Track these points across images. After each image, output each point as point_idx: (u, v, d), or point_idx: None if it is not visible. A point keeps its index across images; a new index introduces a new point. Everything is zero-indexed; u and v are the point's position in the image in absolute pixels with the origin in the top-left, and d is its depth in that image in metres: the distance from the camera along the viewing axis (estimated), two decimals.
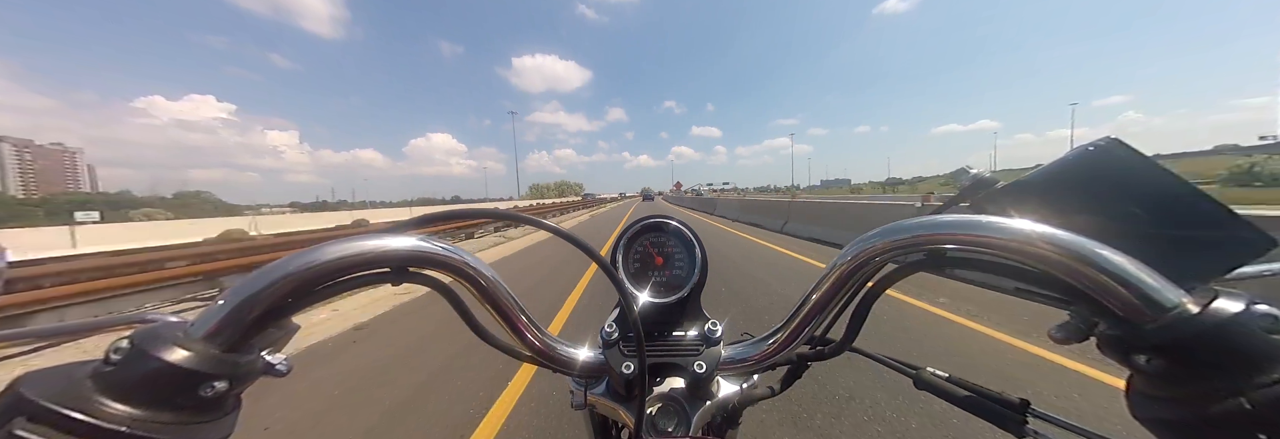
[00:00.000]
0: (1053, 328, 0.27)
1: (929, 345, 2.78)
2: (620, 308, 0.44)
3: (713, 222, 14.47)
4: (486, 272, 0.35)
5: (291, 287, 0.27)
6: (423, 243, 0.31)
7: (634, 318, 0.37)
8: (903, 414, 1.90)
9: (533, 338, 0.39)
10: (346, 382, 2.51)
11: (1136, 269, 0.23)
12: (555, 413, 2.05)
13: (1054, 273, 0.25)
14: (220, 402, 0.25)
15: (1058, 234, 0.25)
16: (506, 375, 2.43)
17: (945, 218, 0.29)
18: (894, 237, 0.30)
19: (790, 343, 0.40)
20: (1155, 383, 0.23)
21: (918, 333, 3.00)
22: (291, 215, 24.95)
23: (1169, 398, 0.22)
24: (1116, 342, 0.24)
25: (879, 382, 2.18)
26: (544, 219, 0.38)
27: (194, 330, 0.25)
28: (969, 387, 0.38)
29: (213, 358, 0.24)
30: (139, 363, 0.23)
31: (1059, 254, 0.25)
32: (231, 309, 0.25)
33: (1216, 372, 0.21)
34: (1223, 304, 0.22)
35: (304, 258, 0.27)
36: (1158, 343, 0.22)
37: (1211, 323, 0.21)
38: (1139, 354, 0.23)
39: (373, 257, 0.29)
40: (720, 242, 8.67)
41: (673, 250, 0.50)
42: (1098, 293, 0.24)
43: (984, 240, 0.27)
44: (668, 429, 0.41)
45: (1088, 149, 0.31)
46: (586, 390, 0.44)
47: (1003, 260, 0.27)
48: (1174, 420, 0.22)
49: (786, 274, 5.23)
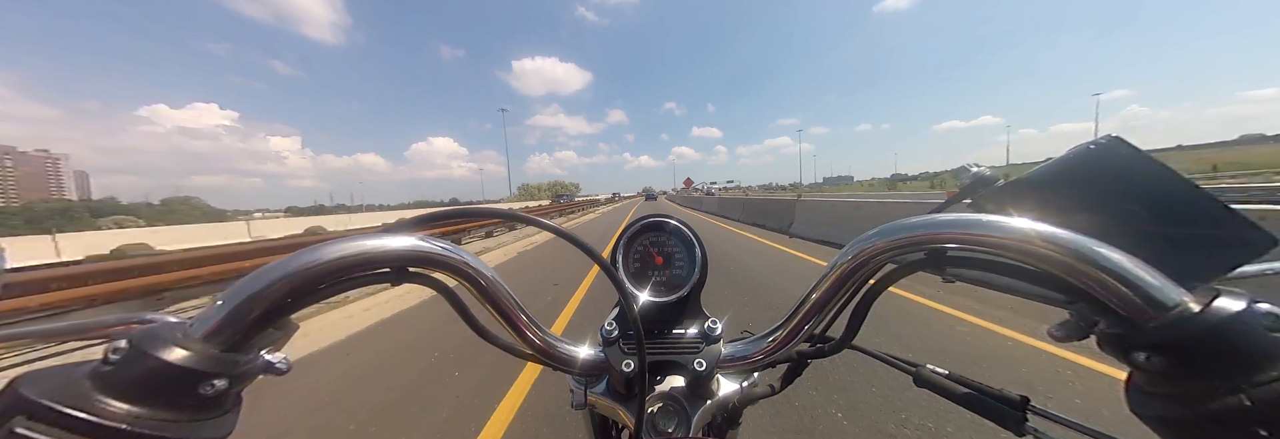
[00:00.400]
0: (1053, 326, 0.27)
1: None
2: (620, 307, 0.44)
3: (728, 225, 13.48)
4: (486, 271, 0.35)
5: (291, 287, 0.27)
6: (422, 243, 0.31)
7: (634, 316, 0.37)
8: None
9: (533, 337, 0.39)
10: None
11: (1137, 268, 0.23)
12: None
13: (1055, 272, 0.25)
14: (220, 400, 0.25)
15: (1058, 233, 0.25)
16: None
17: (945, 217, 0.29)
18: (894, 236, 0.30)
19: (790, 341, 0.40)
20: (1156, 380, 0.23)
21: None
22: (283, 220, 24.60)
23: (1169, 395, 0.22)
24: (1117, 340, 0.24)
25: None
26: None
27: (193, 330, 0.25)
28: (969, 384, 0.38)
29: (212, 357, 0.24)
30: (138, 362, 0.23)
31: (1059, 253, 0.25)
32: (231, 309, 0.25)
33: (1217, 370, 0.21)
34: (1224, 303, 0.22)
35: (303, 258, 0.27)
36: (1159, 341, 0.22)
37: (1213, 322, 0.21)
38: (1139, 352, 0.23)
39: (372, 257, 0.29)
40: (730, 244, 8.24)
41: (673, 250, 0.50)
42: (1099, 292, 0.24)
43: (984, 239, 0.27)
44: (668, 429, 0.41)
45: (1088, 147, 0.31)
46: (586, 390, 0.44)
47: (1003, 259, 0.27)
48: (1174, 417, 0.22)
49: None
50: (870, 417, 1.90)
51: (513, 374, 2.45)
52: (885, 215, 6.65)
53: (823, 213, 8.55)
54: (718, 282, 4.66)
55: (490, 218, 0.37)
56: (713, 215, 17.97)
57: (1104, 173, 0.31)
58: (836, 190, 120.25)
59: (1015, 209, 0.32)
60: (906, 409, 1.91)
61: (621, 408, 0.43)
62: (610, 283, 0.39)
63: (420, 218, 0.36)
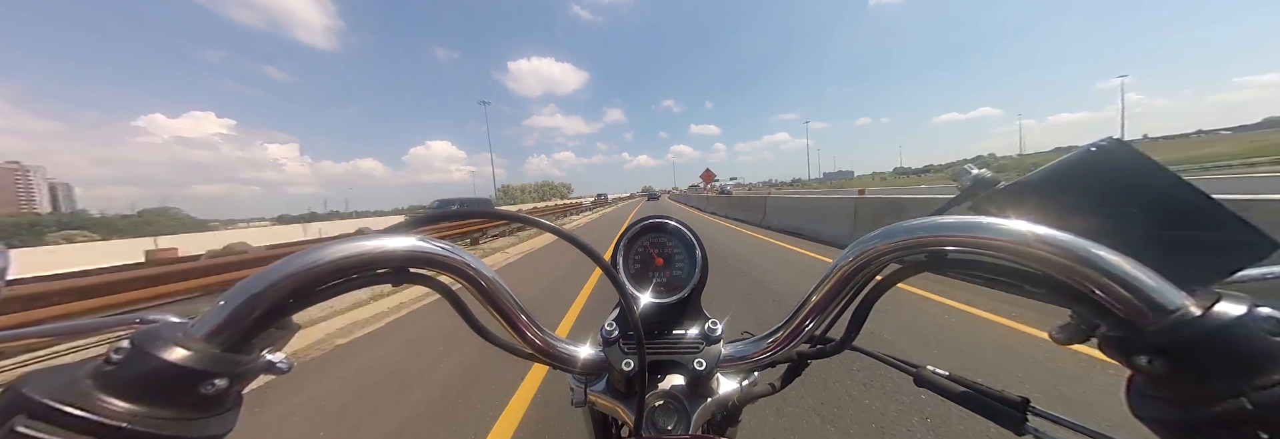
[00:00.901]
0: (1054, 328, 0.27)
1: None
2: (621, 307, 0.44)
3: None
4: (486, 272, 0.35)
5: (291, 288, 0.27)
6: (422, 243, 0.31)
7: (633, 315, 0.37)
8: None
9: (533, 336, 0.40)
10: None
11: (1138, 271, 0.23)
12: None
13: (1056, 275, 0.25)
14: (220, 399, 0.25)
15: (1059, 236, 0.25)
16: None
17: (946, 219, 0.29)
18: (895, 238, 0.31)
19: (790, 341, 0.40)
20: (1157, 383, 0.23)
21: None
22: (267, 228, 24.56)
23: (1171, 398, 0.22)
24: (1118, 342, 0.24)
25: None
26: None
27: (194, 330, 0.25)
28: (969, 384, 0.38)
29: (213, 357, 0.24)
30: (139, 362, 0.23)
31: (1060, 256, 0.25)
32: (232, 309, 0.26)
33: (1219, 373, 0.21)
34: (1225, 307, 0.22)
35: (304, 259, 0.27)
36: (1160, 345, 0.22)
37: (1214, 325, 0.21)
38: (1141, 355, 0.23)
39: (372, 257, 0.29)
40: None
41: (673, 251, 0.50)
42: (1100, 295, 0.24)
43: (985, 242, 0.27)
44: (668, 427, 0.41)
45: (1089, 150, 0.31)
46: (586, 388, 0.45)
47: (1005, 262, 0.27)
48: (1175, 420, 0.22)
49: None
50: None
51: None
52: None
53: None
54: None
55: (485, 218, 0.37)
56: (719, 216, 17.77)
57: (1105, 175, 0.31)
58: (845, 184, 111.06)
59: (1016, 212, 0.32)
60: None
61: (621, 406, 0.43)
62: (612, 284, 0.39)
63: (420, 219, 0.36)
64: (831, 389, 2.11)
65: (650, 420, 0.41)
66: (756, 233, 9.62)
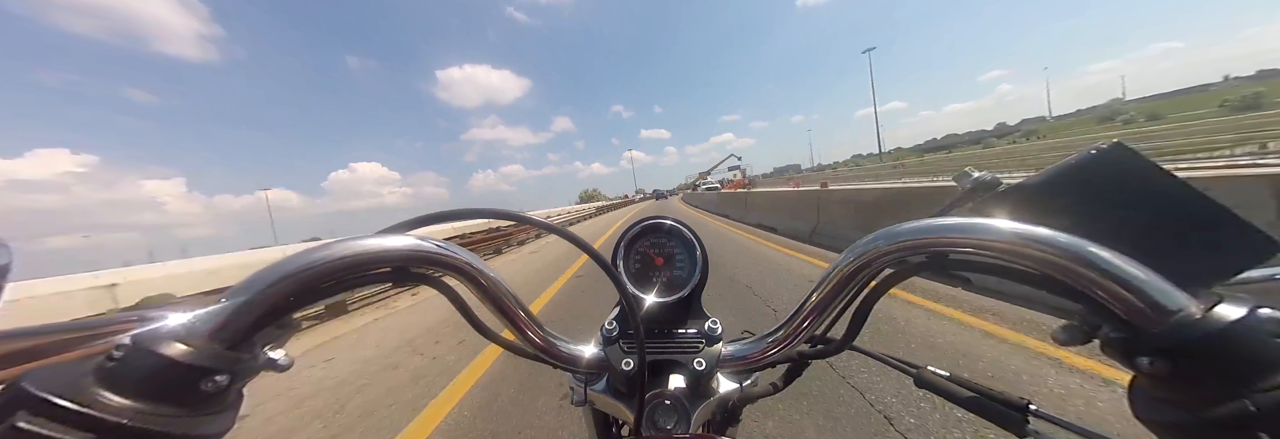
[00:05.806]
0: (1056, 329, 0.27)
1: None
2: (621, 306, 0.44)
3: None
4: (487, 271, 0.35)
5: (293, 286, 0.27)
6: (422, 243, 0.31)
7: (634, 315, 0.37)
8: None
9: (534, 335, 0.40)
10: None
11: (1140, 273, 0.23)
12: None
13: (1057, 276, 0.25)
14: (221, 396, 0.25)
15: (1059, 238, 0.25)
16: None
17: (946, 221, 0.29)
18: (896, 240, 0.31)
19: (790, 341, 0.40)
20: (1159, 385, 0.23)
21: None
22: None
23: (1173, 400, 0.22)
24: (1120, 344, 0.24)
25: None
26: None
27: (196, 328, 0.25)
28: (970, 386, 0.38)
29: (214, 354, 0.24)
30: (140, 359, 0.23)
31: (1061, 258, 0.25)
32: (234, 307, 0.26)
33: (1221, 375, 0.21)
34: (1227, 308, 0.22)
35: (305, 258, 0.28)
36: (1161, 346, 0.22)
37: (1216, 327, 0.21)
38: (1143, 357, 0.23)
39: (373, 256, 0.29)
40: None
41: (673, 251, 0.50)
42: (1101, 296, 0.24)
43: (986, 244, 0.27)
44: (668, 426, 0.41)
45: (1090, 152, 0.31)
46: (586, 387, 0.45)
47: (1006, 263, 0.27)
48: (1177, 422, 0.22)
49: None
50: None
51: None
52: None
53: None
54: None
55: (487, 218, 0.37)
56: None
57: (1106, 177, 0.31)
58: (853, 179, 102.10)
59: (1017, 214, 0.32)
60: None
61: (622, 405, 0.43)
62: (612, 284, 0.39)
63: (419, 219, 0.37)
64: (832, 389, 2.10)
65: (650, 420, 0.41)
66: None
